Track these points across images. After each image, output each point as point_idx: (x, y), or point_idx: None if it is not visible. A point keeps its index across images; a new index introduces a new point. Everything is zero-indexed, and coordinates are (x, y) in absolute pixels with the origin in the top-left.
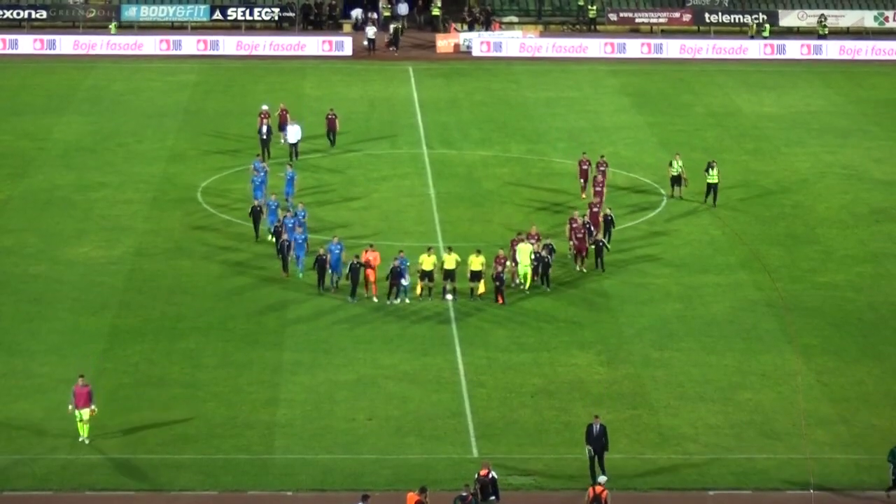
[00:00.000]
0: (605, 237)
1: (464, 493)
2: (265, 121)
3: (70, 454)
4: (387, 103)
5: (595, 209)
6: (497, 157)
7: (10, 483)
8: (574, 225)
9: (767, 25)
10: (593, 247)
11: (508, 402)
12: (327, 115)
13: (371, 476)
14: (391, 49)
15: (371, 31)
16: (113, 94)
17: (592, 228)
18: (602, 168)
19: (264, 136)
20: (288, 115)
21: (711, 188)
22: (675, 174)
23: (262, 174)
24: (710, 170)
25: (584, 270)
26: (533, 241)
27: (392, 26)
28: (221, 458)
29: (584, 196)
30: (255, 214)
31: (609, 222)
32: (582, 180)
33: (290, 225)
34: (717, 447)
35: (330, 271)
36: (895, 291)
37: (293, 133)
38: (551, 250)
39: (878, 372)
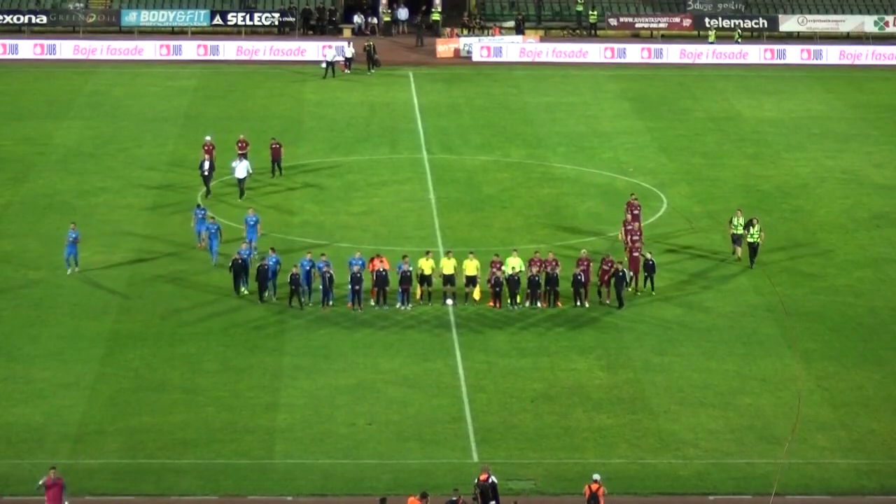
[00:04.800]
0: (646, 282)
1: (454, 498)
2: (207, 156)
3: (70, 459)
4: (387, 108)
5: (635, 254)
6: (497, 161)
7: (9, 488)
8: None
9: (738, 32)
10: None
11: (509, 406)
12: (271, 144)
13: (371, 481)
14: (368, 70)
15: (329, 53)
16: (113, 98)
17: (627, 272)
18: (635, 211)
19: (205, 172)
20: (248, 147)
21: (752, 248)
22: (737, 232)
23: (203, 216)
24: (751, 227)
25: (587, 305)
26: (550, 266)
27: (365, 44)
28: (221, 462)
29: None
30: (237, 268)
31: (651, 267)
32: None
33: (272, 263)
34: (717, 452)
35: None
36: (895, 296)
37: (241, 169)
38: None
39: (878, 377)
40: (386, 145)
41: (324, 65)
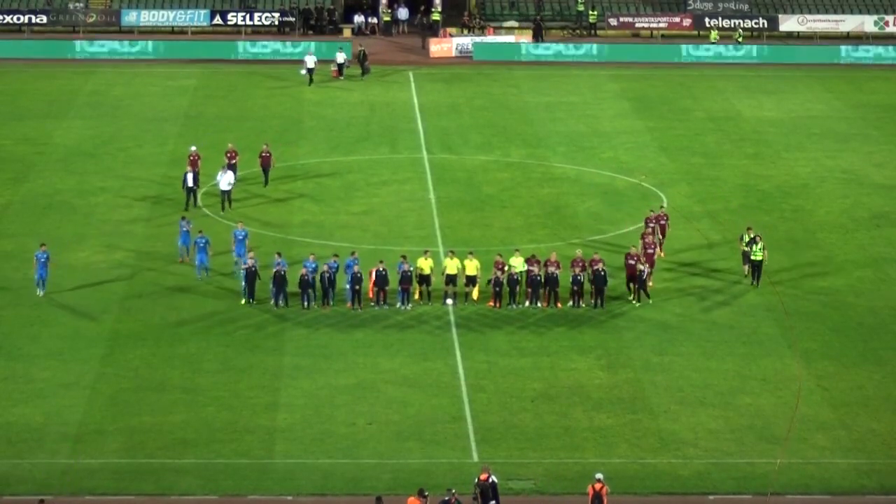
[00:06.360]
0: (643, 291)
1: (446, 498)
2: (191, 167)
3: (70, 458)
4: (387, 108)
5: (631, 261)
6: (497, 161)
7: (9, 488)
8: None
9: (739, 32)
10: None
11: (508, 406)
12: (261, 152)
13: (371, 480)
14: (361, 76)
15: (311, 60)
16: (113, 98)
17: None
18: (652, 225)
19: (189, 184)
20: (237, 157)
21: (755, 267)
22: (748, 249)
23: (188, 229)
24: (753, 245)
25: (582, 305)
26: (553, 266)
27: (357, 48)
28: (222, 462)
29: (662, 254)
30: (251, 275)
31: (641, 280)
32: (660, 236)
33: (284, 267)
34: (717, 452)
35: (354, 287)
36: (895, 296)
37: (225, 180)
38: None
39: (878, 377)
40: (386, 145)
41: (303, 72)
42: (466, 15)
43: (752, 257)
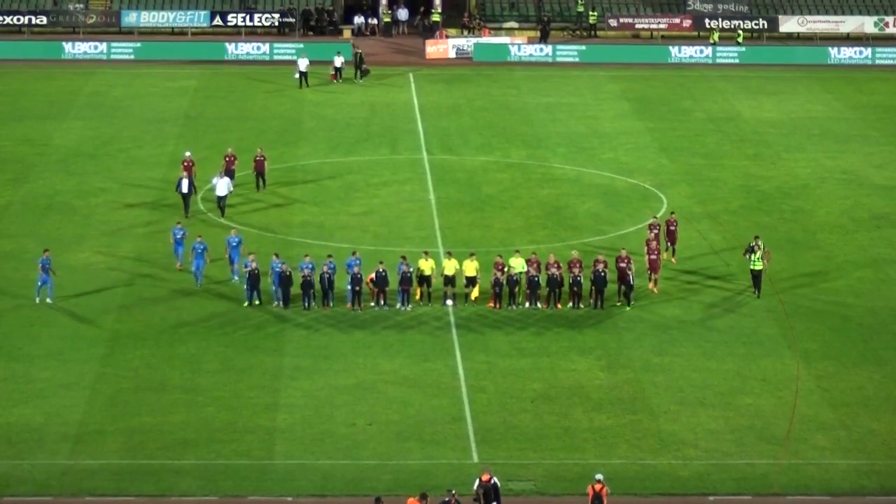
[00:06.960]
0: (626, 296)
1: (446, 499)
2: (186, 173)
3: (70, 459)
4: (387, 109)
5: (622, 264)
6: (497, 162)
7: (10, 488)
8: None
9: (740, 33)
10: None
11: (508, 407)
12: (255, 156)
13: (371, 481)
14: (356, 79)
15: (303, 63)
16: (113, 99)
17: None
18: (656, 229)
19: (184, 190)
20: (235, 162)
21: (754, 276)
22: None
23: (182, 236)
24: (751, 254)
25: (581, 306)
26: (554, 268)
27: (354, 51)
28: (222, 463)
29: (673, 261)
30: (254, 278)
31: (627, 283)
32: (668, 242)
33: (278, 268)
34: (717, 452)
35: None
36: (895, 296)
37: (221, 186)
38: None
39: (878, 377)
40: (386, 146)
41: (297, 75)
42: (466, 16)
43: (751, 266)
